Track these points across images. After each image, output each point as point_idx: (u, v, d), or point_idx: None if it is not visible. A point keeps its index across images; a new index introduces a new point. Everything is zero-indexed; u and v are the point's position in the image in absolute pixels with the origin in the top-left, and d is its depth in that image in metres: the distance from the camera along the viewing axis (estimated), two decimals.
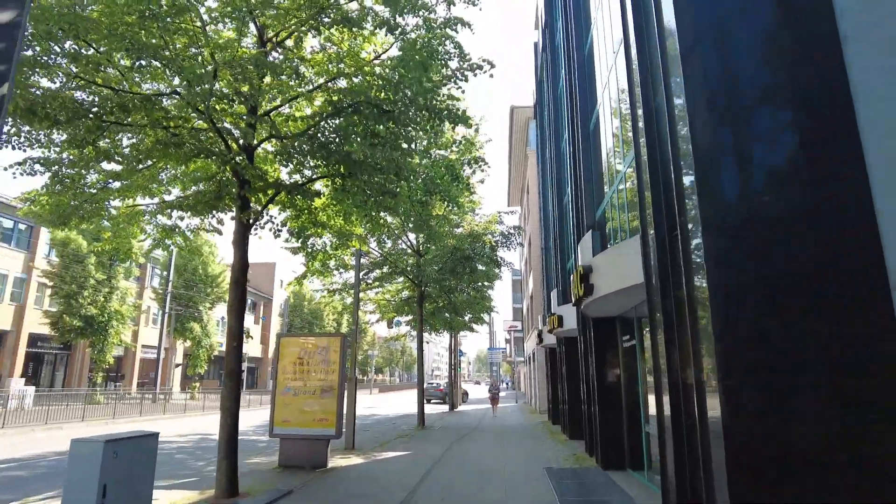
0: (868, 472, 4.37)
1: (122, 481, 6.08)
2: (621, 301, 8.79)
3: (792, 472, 4.47)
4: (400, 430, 19.75)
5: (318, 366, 12.00)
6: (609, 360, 11.05)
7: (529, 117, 33.24)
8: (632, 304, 9.01)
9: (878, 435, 4.40)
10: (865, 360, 4.56)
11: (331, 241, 11.91)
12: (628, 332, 10.37)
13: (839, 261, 4.76)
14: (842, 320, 4.65)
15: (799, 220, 4.89)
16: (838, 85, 5.06)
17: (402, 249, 22.00)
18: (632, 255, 7.45)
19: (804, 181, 4.98)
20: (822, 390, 4.57)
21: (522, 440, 16.46)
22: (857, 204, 4.79)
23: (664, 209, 6.45)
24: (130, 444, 6.23)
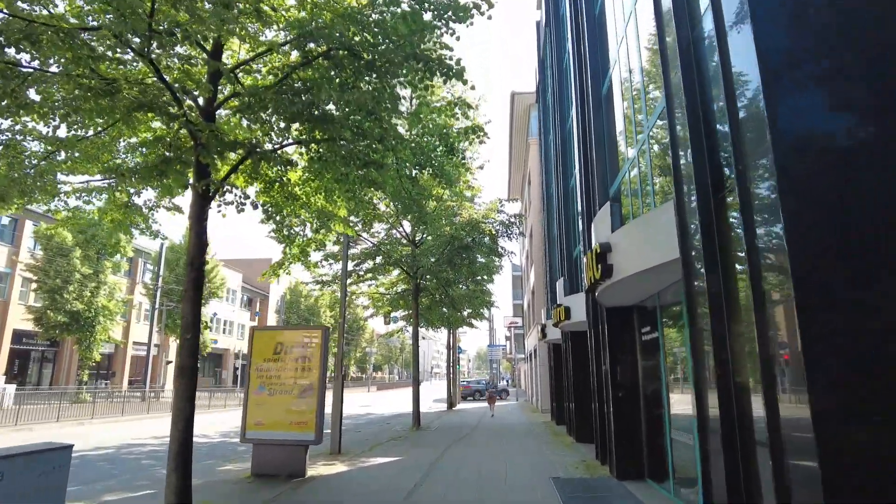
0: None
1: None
2: (645, 285, 7.45)
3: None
4: (393, 432, 18.43)
5: (296, 362, 10.67)
6: (625, 354, 9.72)
7: (531, 104, 31.84)
8: (656, 287, 7.67)
9: None
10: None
11: (311, 224, 10.54)
12: (648, 322, 9.04)
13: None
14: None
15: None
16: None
17: (395, 238, 20.65)
18: (662, 227, 6.12)
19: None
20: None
21: (525, 443, 15.13)
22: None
23: (708, 162, 5.11)
24: (26, 461, 4.86)
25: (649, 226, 6.36)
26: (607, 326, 9.86)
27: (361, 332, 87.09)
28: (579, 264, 15.01)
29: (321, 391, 10.47)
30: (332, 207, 10.60)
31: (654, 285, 7.56)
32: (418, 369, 20.42)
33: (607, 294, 8.46)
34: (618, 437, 9.57)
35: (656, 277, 6.93)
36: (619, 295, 8.48)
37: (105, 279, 37.36)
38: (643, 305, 9.41)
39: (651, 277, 6.90)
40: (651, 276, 6.74)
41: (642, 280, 7.11)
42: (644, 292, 8.26)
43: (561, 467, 11.04)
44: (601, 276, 7.23)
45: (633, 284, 7.43)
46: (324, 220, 10.28)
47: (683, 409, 7.67)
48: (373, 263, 19.95)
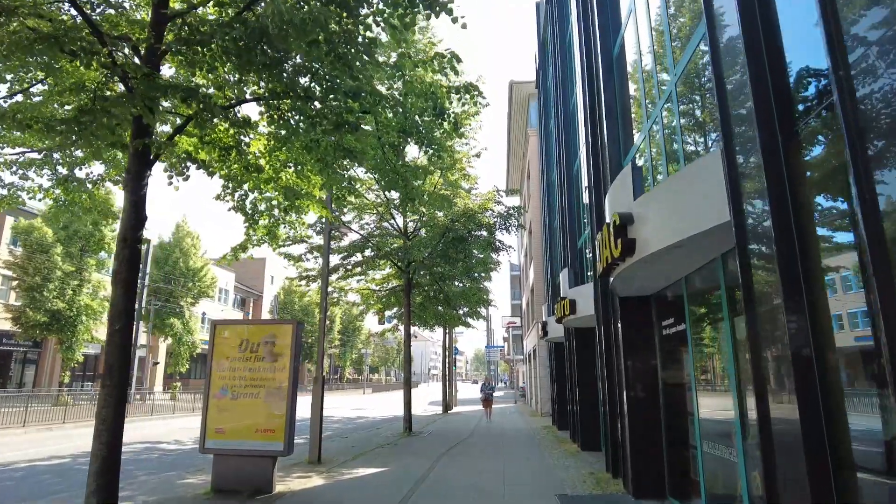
0: None
1: None
2: (672, 265, 6.11)
3: None
4: (382, 438, 17.06)
5: (263, 361, 9.31)
6: (642, 351, 8.38)
7: (530, 94, 30.55)
8: (686, 268, 6.32)
9: None
10: None
11: (279, 202, 9.18)
12: (670, 314, 7.70)
13: None
14: None
15: None
16: None
17: (386, 230, 19.29)
18: (701, 186, 4.79)
19: None
20: None
21: (524, 451, 13.78)
22: None
23: (773, 88, 3.79)
24: None
25: (684, 187, 5.03)
26: (621, 319, 8.52)
27: (357, 333, 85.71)
28: (584, 254, 13.68)
29: (292, 394, 9.11)
30: (306, 185, 9.26)
31: (683, 266, 6.22)
32: (410, 370, 19.04)
33: (624, 279, 7.12)
34: (634, 446, 8.22)
35: (689, 254, 5.59)
36: (638, 280, 7.14)
37: (89, 277, 36.00)
38: (663, 294, 8.07)
39: (684, 254, 5.57)
40: (684, 251, 5.40)
41: (671, 258, 5.76)
42: (668, 276, 6.92)
43: (567, 481, 9.69)
44: (621, 254, 5.90)
45: (659, 264, 6.10)
46: (292, 198, 8.91)
47: (718, 415, 6.33)
48: (362, 256, 18.57)
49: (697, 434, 6.68)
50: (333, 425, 23.28)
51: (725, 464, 5.97)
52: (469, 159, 18.86)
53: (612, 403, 9.79)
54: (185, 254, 47.62)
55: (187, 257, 47.63)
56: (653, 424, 8.16)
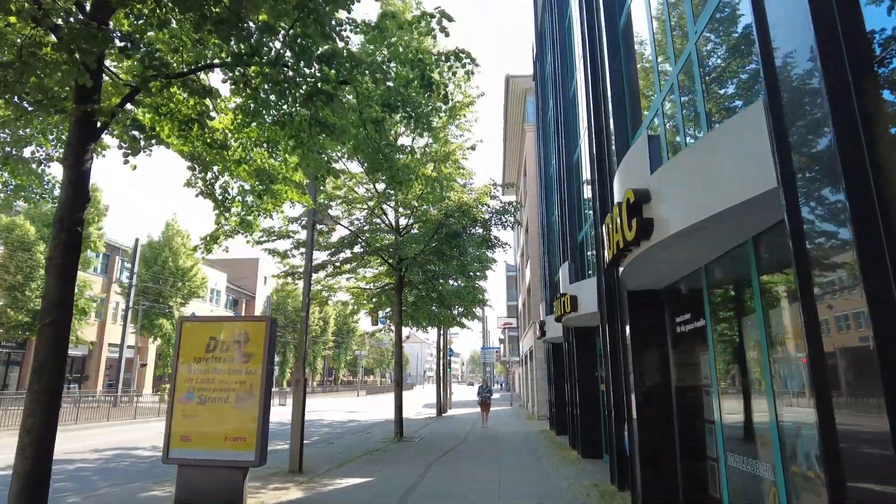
0: None
1: None
2: (695, 249, 5.26)
3: None
4: (372, 443, 16.18)
5: (233, 361, 8.43)
6: (652, 351, 7.54)
7: (527, 89, 29.75)
8: (709, 254, 5.48)
9: None
10: None
11: (253, 186, 8.31)
12: (686, 308, 6.87)
13: None
14: None
15: None
16: None
17: (376, 225, 18.42)
18: (738, 148, 3.95)
19: None
20: None
21: (521, 458, 12.92)
22: None
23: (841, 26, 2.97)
24: None
25: (713, 152, 4.19)
26: (629, 316, 7.67)
27: (352, 335, 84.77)
28: (585, 249, 12.86)
29: (265, 398, 8.24)
30: (282, 168, 8.41)
31: (705, 251, 5.38)
32: (401, 372, 18.17)
33: (636, 269, 6.28)
34: (643, 456, 7.37)
35: (715, 236, 4.76)
36: (652, 270, 6.30)
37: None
38: (676, 287, 7.25)
39: (709, 236, 4.73)
40: (710, 233, 4.57)
41: (694, 241, 4.92)
42: (686, 265, 6.09)
43: (568, 494, 8.83)
44: (635, 237, 5.06)
45: (679, 250, 5.26)
46: (267, 182, 8.04)
47: (747, 422, 5.50)
48: (351, 252, 17.69)
49: (720, 444, 5.83)
50: (322, 429, 22.38)
51: (756, 480, 5.14)
52: (464, 151, 18.03)
53: (617, 408, 8.95)
54: (174, 253, 46.60)
55: (177, 257, 46.62)
56: (665, 432, 7.32)
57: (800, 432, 4.46)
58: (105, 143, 7.97)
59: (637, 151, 5.66)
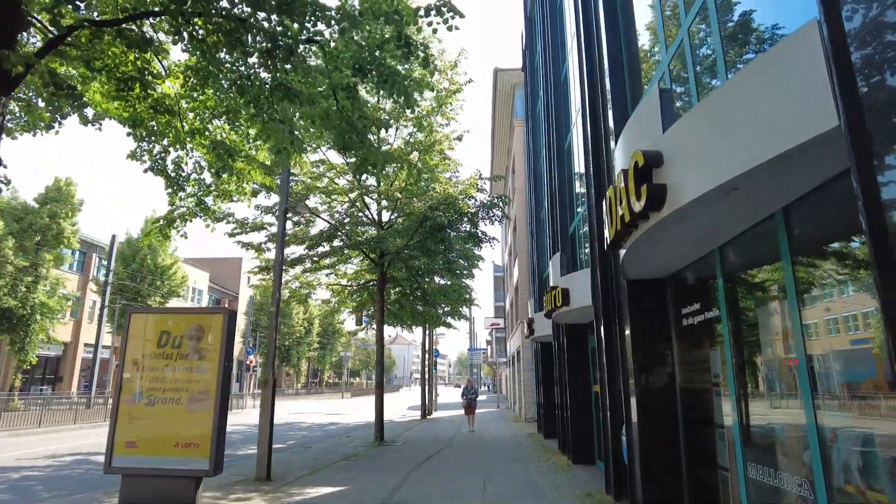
0: None
1: None
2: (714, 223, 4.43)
3: None
4: (350, 448, 15.28)
5: (187, 358, 7.54)
6: (655, 347, 6.76)
7: (515, 83, 29.01)
8: (729, 230, 4.67)
9: None
10: None
11: (209, 162, 7.42)
12: (694, 299, 6.08)
13: None
14: None
15: None
16: None
17: (357, 218, 17.53)
18: (781, 82, 3.14)
19: None
20: None
21: (508, 465, 12.09)
22: None
23: None
24: None
25: (748, 93, 3.39)
26: (629, 308, 6.88)
27: (337, 336, 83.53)
28: (577, 240, 12.08)
29: (221, 400, 7.35)
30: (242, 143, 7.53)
31: (724, 226, 4.57)
32: (383, 373, 17.29)
33: (640, 251, 5.47)
34: (644, 465, 6.57)
35: (741, 203, 3.95)
36: (659, 251, 5.49)
37: (46, 273, 33.71)
38: (681, 276, 6.47)
39: (733, 204, 3.93)
40: (739, 196, 3.76)
41: (715, 210, 4.12)
42: (698, 246, 5.29)
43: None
44: (645, 207, 4.25)
45: (696, 223, 4.44)
46: (225, 157, 7.16)
47: (772, 427, 4.72)
48: (330, 246, 16.78)
49: (739, 453, 5.04)
50: (300, 433, 21.43)
51: (782, 495, 4.35)
52: (450, 142, 17.22)
53: (613, 411, 8.16)
54: (153, 251, 45.28)
55: (156, 254, 45.31)
56: (669, 438, 6.53)
57: (838, 440, 3.68)
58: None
59: (645, 109, 4.86)
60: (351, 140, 7.21)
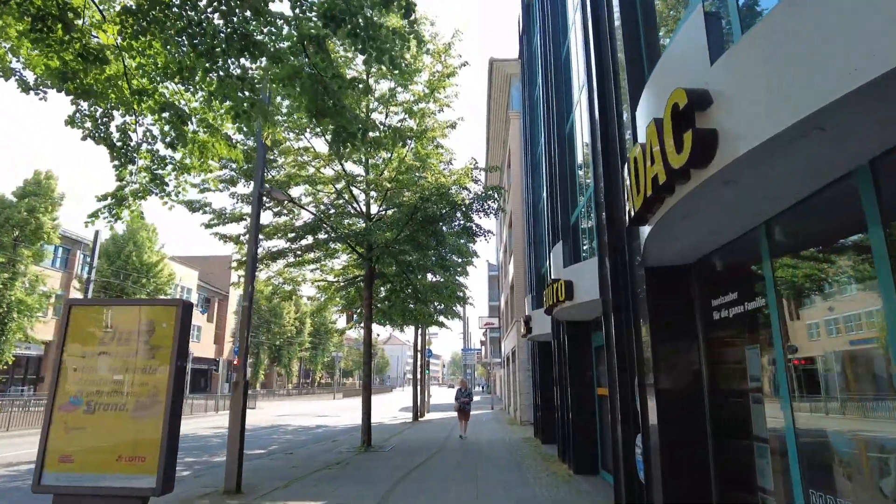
0: None
1: None
2: (781, 179, 3.39)
3: None
4: (334, 454, 14.24)
5: (133, 357, 6.49)
6: (678, 344, 5.78)
7: (511, 74, 28.04)
8: (800, 186, 3.60)
9: None
10: None
11: (160, 126, 6.39)
12: (731, 287, 5.09)
13: None
14: None
15: None
16: None
17: (343, 208, 16.50)
18: None
19: None
20: None
21: (503, 474, 11.10)
22: None
23: None
24: None
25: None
26: (648, 299, 5.90)
27: (329, 336, 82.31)
28: (580, 231, 11.09)
29: (173, 404, 6.31)
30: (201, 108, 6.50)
31: (790, 185, 3.55)
32: (370, 373, 16.27)
33: (671, 230, 4.45)
34: (668, 485, 5.58)
35: (820, 150, 2.94)
36: (694, 227, 4.42)
37: (26, 269, 32.54)
38: (712, 260, 5.49)
39: (813, 148, 2.93)
40: (820, 140, 2.76)
41: (786, 159, 3.11)
42: (745, 217, 4.27)
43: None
44: (688, 163, 3.23)
45: (752, 183, 3.43)
46: (179, 124, 6.13)
47: (846, 443, 3.74)
48: (314, 239, 15.72)
49: (796, 474, 4.04)
50: (284, 437, 20.36)
51: None
52: (443, 130, 16.22)
53: (624, 417, 7.17)
54: (139, 247, 44.06)
55: (141, 251, 44.11)
56: (696, 452, 5.54)
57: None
58: None
59: (683, 43, 3.86)
60: (324, 105, 6.18)
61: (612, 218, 7.42)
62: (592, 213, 9.38)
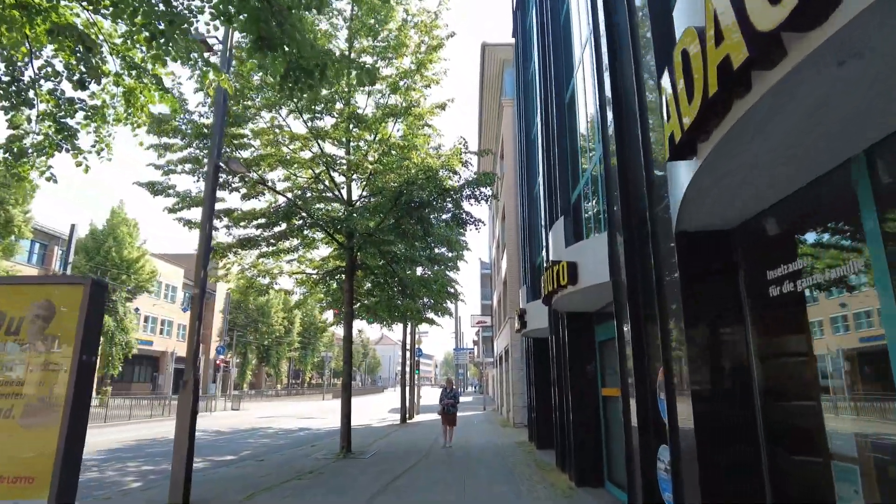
0: None
1: None
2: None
3: None
4: (308, 462, 12.88)
5: (27, 350, 5.14)
6: (721, 330, 4.49)
7: (504, 60, 26.78)
8: None
9: None
10: None
11: (66, 62, 5.04)
12: (793, 253, 3.81)
13: None
14: None
15: None
16: None
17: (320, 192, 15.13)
18: None
19: None
20: None
21: (494, 487, 9.79)
22: None
23: None
24: None
25: None
26: (681, 275, 4.61)
27: (319, 336, 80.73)
28: (582, 208, 9.79)
29: (74, 409, 4.95)
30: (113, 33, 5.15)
31: None
32: (350, 373, 14.91)
33: (736, 158, 3.16)
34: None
35: None
36: (780, 144, 3.15)
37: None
38: (766, 219, 4.20)
39: None
40: None
41: None
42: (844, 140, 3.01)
43: None
44: (788, 21, 2.00)
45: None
46: (87, 56, 4.78)
47: None
48: (287, 225, 14.34)
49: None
50: (261, 441, 18.96)
51: None
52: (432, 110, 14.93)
53: (643, 423, 5.86)
54: (119, 243, 42.48)
55: (122, 247, 42.53)
56: (745, 470, 4.25)
57: None
58: None
59: None
60: (269, 29, 4.84)
61: (626, 179, 6.13)
62: (600, 184, 8.08)
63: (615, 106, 6.57)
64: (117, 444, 16.92)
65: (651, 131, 5.54)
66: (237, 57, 10.30)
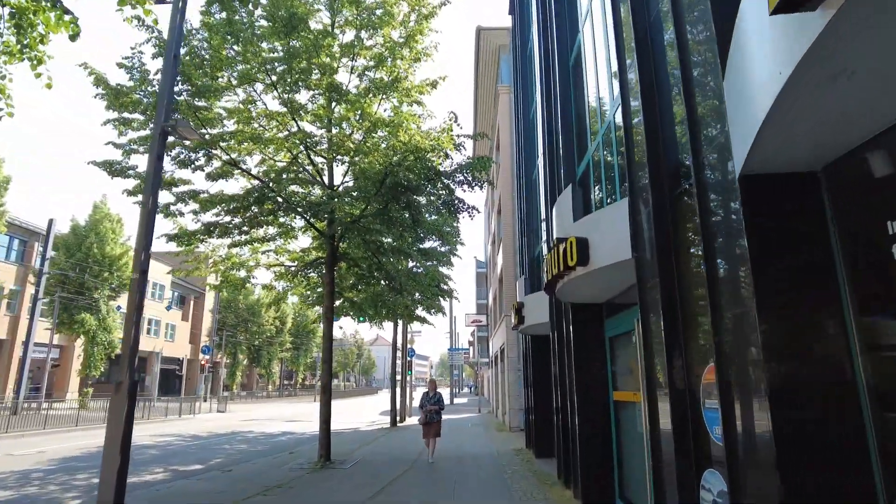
0: None
1: None
2: None
3: None
4: (285, 471, 11.52)
5: None
6: (810, 304, 3.18)
7: (501, 45, 25.53)
8: None
9: None
10: None
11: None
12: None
13: None
14: None
15: None
16: None
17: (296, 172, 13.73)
18: None
19: None
20: None
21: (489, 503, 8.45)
22: None
23: None
24: None
25: None
26: (749, 234, 3.29)
27: (311, 336, 79.17)
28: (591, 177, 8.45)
29: None
30: None
31: None
32: (330, 372, 13.57)
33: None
34: None
35: None
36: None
37: None
38: (869, 160, 2.90)
39: None
40: None
41: None
42: None
43: None
44: None
45: None
46: None
47: None
48: (258, 209, 12.93)
49: None
50: (238, 446, 17.57)
51: None
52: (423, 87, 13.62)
53: (680, 438, 4.54)
54: (101, 239, 40.90)
55: (104, 243, 40.93)
56: (852, 497, 2.94)
57: None
58: None
59: None
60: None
61: (654, 125, 4.81)
62: (614, 147, 6.76)
63: (638, 40, 5.24)
64: (77, 452, 15.49)
65: (693, 52, 4.22)
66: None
